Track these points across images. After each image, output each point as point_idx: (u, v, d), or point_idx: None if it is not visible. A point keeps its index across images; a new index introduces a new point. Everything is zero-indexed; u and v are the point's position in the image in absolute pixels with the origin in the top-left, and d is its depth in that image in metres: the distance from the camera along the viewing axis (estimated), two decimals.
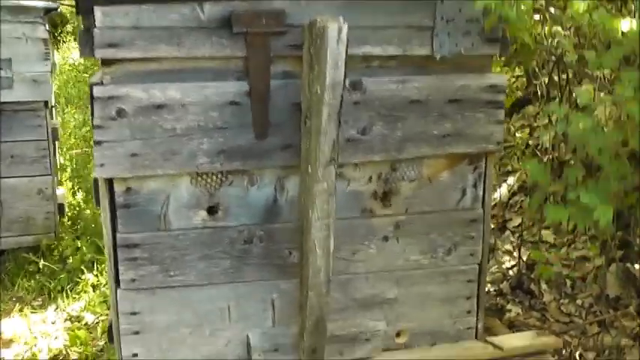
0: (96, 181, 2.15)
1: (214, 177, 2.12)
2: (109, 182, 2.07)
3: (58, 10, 4.24)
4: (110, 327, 2.35)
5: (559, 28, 3.12)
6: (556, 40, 2.97)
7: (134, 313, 2.20)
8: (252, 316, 2.28)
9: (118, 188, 2.07)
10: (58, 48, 5.21)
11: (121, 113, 1.97)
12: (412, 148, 2.22)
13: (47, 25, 4.14)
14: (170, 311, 2.22)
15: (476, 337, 2.54)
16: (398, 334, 2.45)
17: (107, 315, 3.52)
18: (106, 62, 1.97)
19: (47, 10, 4.08)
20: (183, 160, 2.05)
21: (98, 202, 2.21)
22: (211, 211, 2.16)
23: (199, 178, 2.12)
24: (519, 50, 3.34)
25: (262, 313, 2.29)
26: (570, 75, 3.28)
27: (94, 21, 1.88)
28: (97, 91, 1.95)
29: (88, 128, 6.67)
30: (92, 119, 1.97)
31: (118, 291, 2.17)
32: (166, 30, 1.94)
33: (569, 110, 2.21)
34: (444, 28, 2.14)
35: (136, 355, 2.24)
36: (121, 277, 2.15)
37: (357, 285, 2.35)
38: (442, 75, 2.21)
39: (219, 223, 2.17)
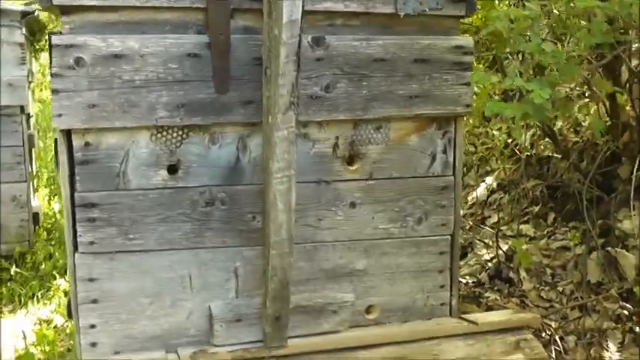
0: (56, 141, 2.09)
1: (174, 133, 2.08)
2: (68, 137, 2.02)
3: (36, 14, 4.25)
4: (69, 301, 2.27)
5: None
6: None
7: (92, 280, 2.12)
8: (215, 286, 2.20)
9: (77, 143, 2.02)
10: (36, 57, 5.22)
11: (79, 62, 1.94)
12: (378, 108, 2.18)
13: (24, 30, 4.14)
14: (130, 278, 2.14)
15: (450, 315, 2.46)
16: (368, 311, 2.37)
17: None
18: (66, 11, 1.94)
19: (24, 14, 4.09)
20: (143, 113, 2.01)
21: (58, 165, 2.16)
22: (172, 170, 2.10)
23: (159, 135, 2.07)
24: (492, 39, 3.37)
25: (225, 283, 2.21)
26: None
27: None
28: (56, 39, 1.92)
29: None
30: (51, 68, 1.94)
31: (76, 255, 2.10)
32: None
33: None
34: None
35: (93, 326, 2.14)
36: (79, 240, 2.08)
37: (324, 254, 2.28)
38: (407, 35, 2.20)
39: (179, 183, 2.11)
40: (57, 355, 3.21)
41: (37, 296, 3.91)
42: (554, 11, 2.15)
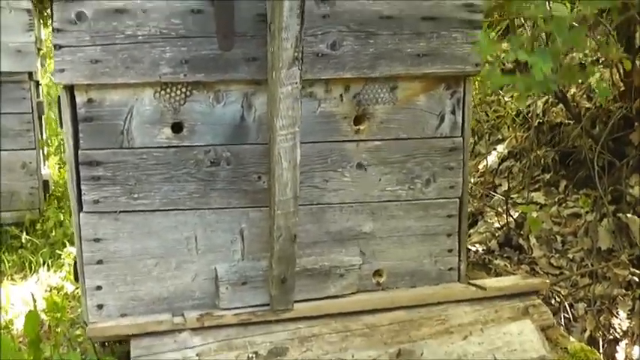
0: (59, 99, 2.07)
1: (178, 90, 2.05)
2: (71, 93, 2.00)
3: None
4: (76, 265, 2.26)
5: None
6: None
7: (97, 240, 2.11)
8: (220, 248, 2.19)
9: (80, 99, 2.00)
10: (45, 24, 5.18)
11: (80, 17, 1.91)
12: (385, 67, 2.14)
13: None
14: (135, 239, 2.13)
15: (458, 280, 2.44)
16: (375, 275, 2.35)
17: None
18: None
19: None
20: (146, 69, 1.98)
21: (62, 124, 2.14)
22: (176, 128, 2.08)
23: (163, 92, 2.04)
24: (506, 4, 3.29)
25: (231, 245, 2.19)
26: None
27: None
28: None
29: None
30: (52, 22, 1.91)
31: (81, 215, 2.09)
32: None
33: None
34: None
35: (99, 287, 2.14)
36: (83, 199, 2.07)
37: (330, 216, 2.25)
38: None
39: (183, 142, 2.09)
40: (67, 321, 3.21)
41: (48, 263, 3.92)
42: None
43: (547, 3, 2.07)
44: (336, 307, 2.22)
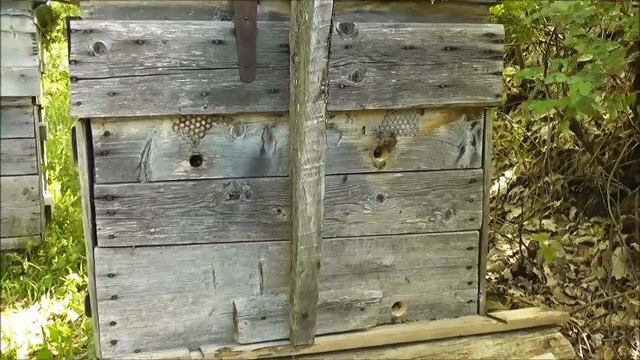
0: (74, 130, 2.02)
1: (197, 123, 2.01)
2: (87, 125, 1.95)
3: (48, 3, 4.18)
4: (88, 298, 2.20)
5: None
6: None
7: (112, 275, 2.06)
8: (239, 282, 2.14)
9: (96, 132, 1.95)
10: (47, 48, 5.14)
11: (99, 48, 1.87)
12: (407, 98, 2.11)
13: (36, 19, 4.07)
14: (151, 273, 2.07)
15: (477, 312, 2.40)
16: (395, 307, 2.31)
17: None
18: None
19: (36, 4, 4.02)
20: (165, 102, 1.94)
21: (76, 156, 2.09)
22: (194, 161, 2.04)
23: (182, 124, 2.00)
24: (514, 30, 3.29)
25: (249, 279, 2.14)
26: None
27: None
28: (75, 24, 1.85)
29: None
30: (69, 54, 1.87)
31: (95, 250, 2.03)
32: None
33: None
34: None
35: (114, 323, 2.08)
36: (98, 234, 2.02)
37: (350, 249, 2.21)
38: (437, 22, 2.12)
39: (202, 175, 2.05)
40: (72, 352, 3.15)
41: (51, 291, 3.85)
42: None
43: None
44: (357, 342, 2.17)
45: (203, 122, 2.01)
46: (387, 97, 2.09)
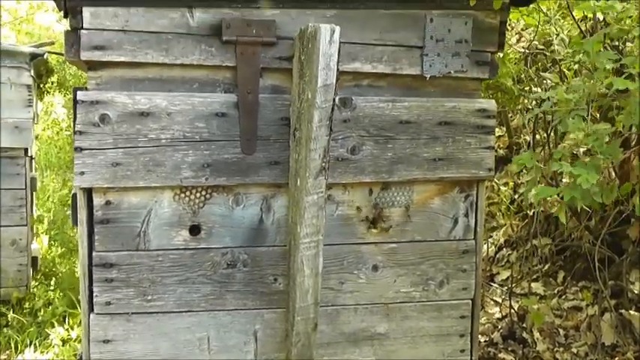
0: (74, 197, 2.04)
1: (198, 193, 2.04)
2: (88, 195, 1.98)
3: (45, 56, 4.22)
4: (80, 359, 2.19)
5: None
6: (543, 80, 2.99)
7: (107, 341, 2.06)
8: (233, 349, 2.14)
9: (97, 201, 1.98)
10: (41, 99, 5.16)
11: (104, 119, 1.90)
12: (403, 171, 2.16)
13: (32, 72, 4.10)
14: (146, 340, 2.08)
15: None
16: None
17: None
18: (92, 67, 1.92)
19: (33, 56, 4.06)
20: (167, 173, 1.97)
21: (76, 221, 2.10)
22: (194, 230, 2.06)
23: (182, 194, 2.03)
24: (501, 97, 3.38)
25: (244, 346, 2.15)
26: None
27: (82, 22, 1.84)
28: (81, 95, 1.89)
29: (66, 191, 6.57)
30: (74, 125, 1.90)
31: (91, 316, 2.04)
32: (155, 35, 1.90)
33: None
34: (434, 48, 2.12)
35: None
36: (95, 300, 2.03)
37: (345, 318, 2.23)
38: (432, 97, 2.19)
39: (201, 244, 2.07)
40: None
41: (35, 344, 3.80)
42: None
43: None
44: None
45: (203, 193, 2.04)
46: (384, 170, 2.14)
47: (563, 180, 3.63)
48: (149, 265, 2.03)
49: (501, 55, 3.26)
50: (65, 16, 1.86)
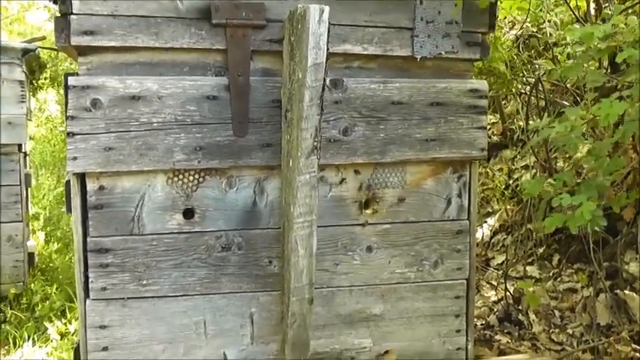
0: (68, 184, 2.05)
1: (191, 177, 2.04)
2: (82, 180, 1.98)
3: (37, 52, 4.22)
4: (77, 349, 2.20)
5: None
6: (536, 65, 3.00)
7: (103, 327, 2.06)
8: (230, 332, 2.15)
9: (91, 186, 1.98)
10: (35, 95, 5.17)
11: (95, 104, 1.91)
12: (395, 152, 2.17)
13: (24, 67, 4.10)
14: (142, 325, 2.08)
15: (466, 359, 2.42)
16: (385, 355, 2.32)
17: None
18: (83, 52, 1.92)
19: (25, 52, 4.06)
20: (160, 156, 1.97)
21: (70, 209, 2.11)
22: (187, 214, 2.07)
23: (175, 178, 2.04)
24: (495, 81, 3.39)
25: (240, 329, 2.16)
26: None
27: (71, 7, 1.84)
28: (72, 81, 1.89)
29: (61, 189, 6.56)
30: (66, 110, 1.90)
31: (87, 302, 2.05)
32: (144, 19, 1.90)
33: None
34: (424, 29, 2.13)
35: None
36: (90, 286, 2.03)
37: (340, 300, 2.24)
38: (423, 78, 2.19)
39: (195, 227, 2.07)
40: None
41: (33, 338, 3.80)
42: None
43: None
44: None
45: (196, 176, 2.04)
46: (376, 151, 2.15)
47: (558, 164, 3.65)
48: (144, 250, 2.04)
49: (493, 38, 3.27)
50: (55, 2, 1.86)
